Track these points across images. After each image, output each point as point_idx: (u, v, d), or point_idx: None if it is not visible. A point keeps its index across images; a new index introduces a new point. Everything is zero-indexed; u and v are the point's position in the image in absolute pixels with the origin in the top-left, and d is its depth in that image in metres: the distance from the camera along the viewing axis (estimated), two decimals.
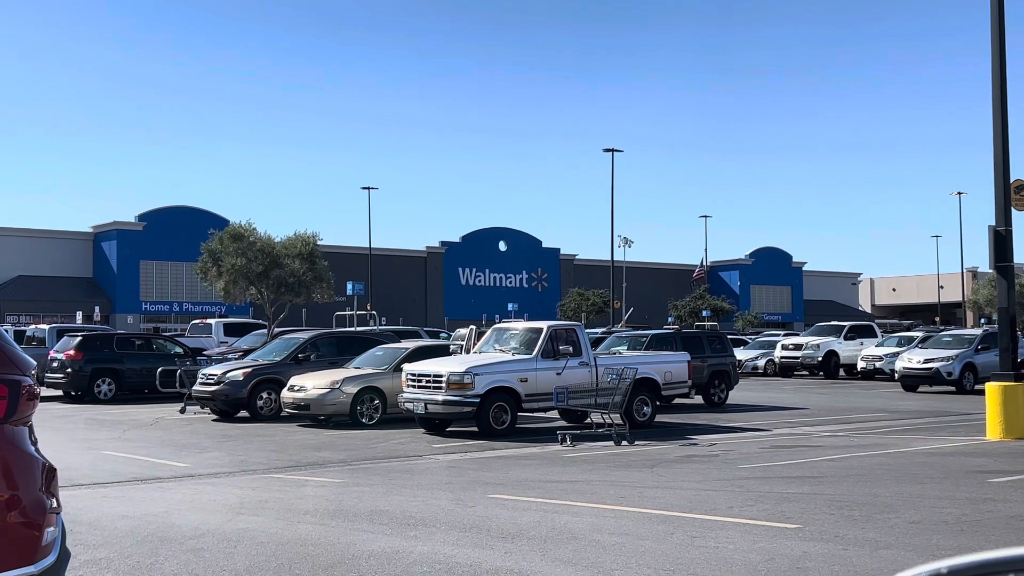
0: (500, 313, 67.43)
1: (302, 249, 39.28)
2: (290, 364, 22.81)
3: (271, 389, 22.31)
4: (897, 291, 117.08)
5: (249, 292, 40.02)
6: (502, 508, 10.46)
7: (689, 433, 19.17)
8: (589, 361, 19.40)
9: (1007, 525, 9.21)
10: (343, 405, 20.31)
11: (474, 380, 18.08)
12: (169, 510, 10.55)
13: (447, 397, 18.11)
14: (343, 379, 20.52)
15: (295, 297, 39.84)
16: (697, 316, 74.78)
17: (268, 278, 38.59)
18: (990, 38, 17.76)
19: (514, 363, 18.80)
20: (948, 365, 31.32)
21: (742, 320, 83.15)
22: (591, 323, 66.79)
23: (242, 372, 22.43)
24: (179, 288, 74.43)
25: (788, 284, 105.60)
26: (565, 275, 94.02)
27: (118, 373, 27.96)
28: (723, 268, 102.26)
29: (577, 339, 19.46)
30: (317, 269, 39.82)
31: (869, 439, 17.82)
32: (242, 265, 37.83)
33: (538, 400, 18.79)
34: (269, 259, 38.54)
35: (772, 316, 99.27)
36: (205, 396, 22.50)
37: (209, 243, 39.59)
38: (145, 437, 18.89)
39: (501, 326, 21.64)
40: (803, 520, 9.46)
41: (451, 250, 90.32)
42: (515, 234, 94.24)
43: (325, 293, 40.65)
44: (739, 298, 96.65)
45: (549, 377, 18.70)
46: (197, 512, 10.39)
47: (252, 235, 39.05)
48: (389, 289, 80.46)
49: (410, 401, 18.70)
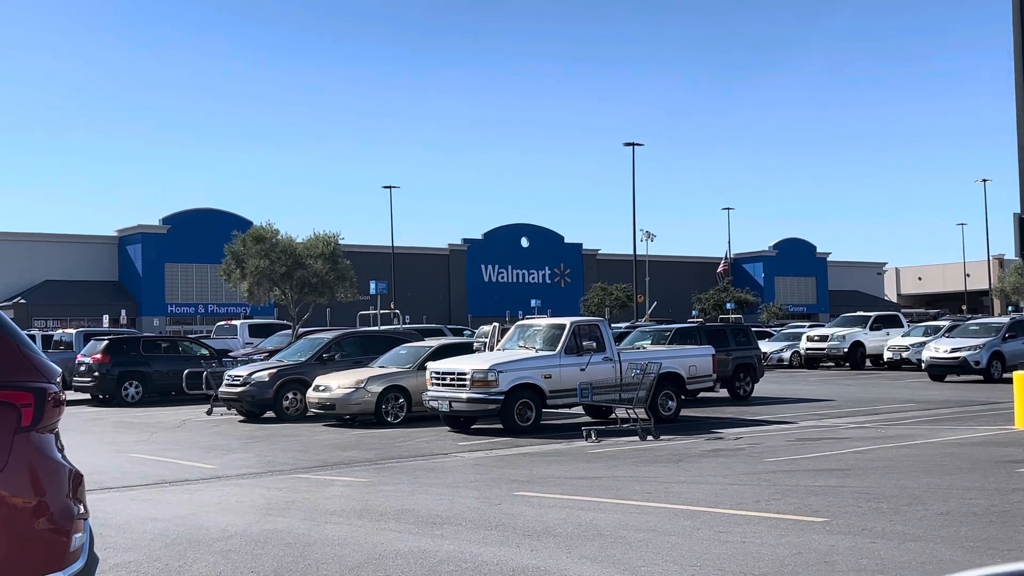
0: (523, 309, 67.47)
1: (324, 249, 39.45)
2: (315, 364, 22.89)
3: (296, 389, 22.39)
4: (923, 280, 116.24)
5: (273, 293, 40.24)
6: (528, 506, 10.46)
7: (714, 427, 19.12)
8: (613, 356, 19.37)
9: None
10: (368, 404, 20.36)
11: (498, 377, 18.09)
12: (197, 512, 10.61)
13: (471, 395, 18.13)
14: (368, 378, 20.58)
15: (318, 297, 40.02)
16: (721, 309, 74.54)
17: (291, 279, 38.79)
18: (1012, 25, 17.58)
19: (538, 360, 18.80)
20: (976, 354, 31.06)
21: (767, 312, 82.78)
22: (614, 318, 66.68)
23: (267, 373, 22.53)
24: (204, 290, 74.89)
25: (813, 275, 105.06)
26: (588, 270, 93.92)
27: (145, 376, 28.14)
28: (747, 260, 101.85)
29: (600, 334, 19.44)
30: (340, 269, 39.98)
31: (896, 430, 17.70)
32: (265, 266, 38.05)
33: (562, 396, 18.78)
34: (292, 260, 38.73)
35: (797, 308, 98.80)
36: (231, 397, 22.61)
37: (232, 245, 39.84)
38: (172, 439, 19.02)
39: (524, 323, 21.64)
40: (830, 513, 9.41)
41: (473, 247, 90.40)
42: (537, 230, 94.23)
43: (348, 293, 40.79)
44: (763, 290, 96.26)
45: (573, 373, 18.69)
46: (225, 514, 10.45)
47: (274, 236, 39.26)
48: (412, 287, 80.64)
49: (435, 399, 18.74)
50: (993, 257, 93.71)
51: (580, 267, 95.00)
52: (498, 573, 7.41)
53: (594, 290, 78.59)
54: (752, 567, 7.36)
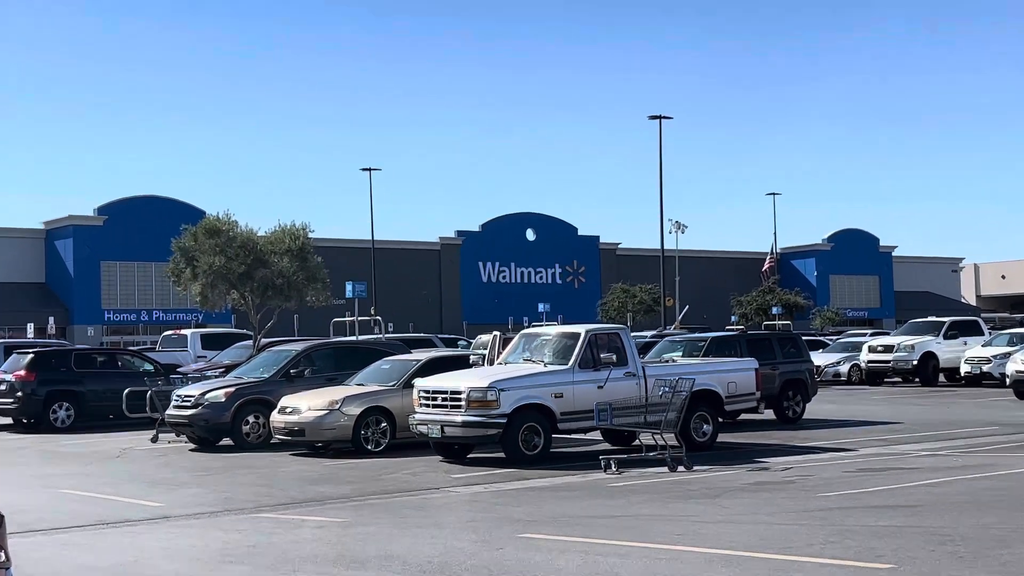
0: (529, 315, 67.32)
1: (291, 244, 39.42)
2: (280, 381, 22.89)
3: (259, 412, 22.39)
4: (1007, 279, 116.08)
5: (230, 297, 40.22)
6: (536, 551, 10.47)
7: (758, 455, 19.13)
8: (637, 371, 19.38)
9: None
10: (344, 429, 20.37)
11: (499, 397, 18.09)
12: (141, 559, 10.63)
13: (467, 418, 18.14)
14: (344, 398, 20.59)
15: (284, 301, 39.99)
16: (766, 314, 74.50)
17: (252, 279, 38.75)
18: None
19: (547, 376, 18.80)
20: None
21: (820, 317, 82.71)
22: (638, 325, 66.66)
23: (224, 392, 22.54)
24: (147, 293, 74.89)
25: (875, 273, 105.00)
26: (606, 268, 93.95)
27: (77, 396, 28.12)
28: (796, 255, 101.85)
29: (622, 345, 19.45)
30: (310, 267, 39.95)
31: (976, 459, 17.69)
32: (221, 265, 38.00)
33: (576, 419, 18.78)
34: (252, 257, 38.69)
35: (856, 312, 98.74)
36: (181, 422, 22.62)
37: (182, 239, 39.81)
38: (111, 472, 19.01)
39: (530, 331, 21.63)
40: (897, 559, 9.41)
41: (469, 241, 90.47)
42: (545, 220, 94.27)
43: (320, 296, 40.74)
44: (816, 291, 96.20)
45: (589, 391, 18.69)
46: (174, 561, 10.47)
47: (232, 229, 39.20)
48: (396, 290, 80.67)
49: (423, 423, 18.75)
50: None
51: (597, 264, 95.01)
52: None
53: (614, 292, 78.50)
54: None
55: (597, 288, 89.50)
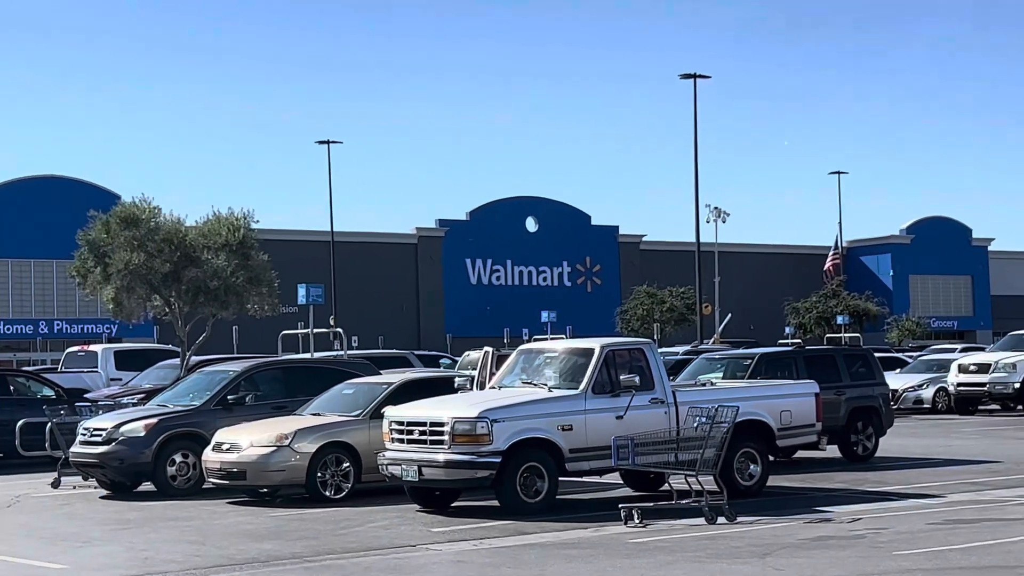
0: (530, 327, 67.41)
1: (229, 237, 39.34)
2: (215, 411, 22.85)
3: (188, 449, 22.33)
4: None
5: (152, 304, 40.15)
6: None
7: (819, 503, 19.11)
8: (666, 397, 19.37)
9: None
10: (296, 471, 20.33)
11: (492, 430, 18.06)
12: None
13: (452, 456, 18.10)
14: (295, 432, 20.54)
15: (221, 309, 39.93)
16: (829, 324, 74.57)
17: (179, 282, 38.69)
18: None
19: (552, 403, 18.78)
20: None
21: (898, 329, 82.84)
22: (668, 339, 66.76)
23: (144, 424, 22.48)
24: (46, 299, 74.87)
25: (967, 273, 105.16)
26: (627, 266, 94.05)
27: None
28: (867, 250, 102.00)
29: (647, 364, 19.44)
30: (252, 267, 39.88)
31: None
32: (140, 263, 37.93)
33: (589, 458, 18.75)
34: (180, 253, 38.63)
35: (944, 322, 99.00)
36: (89, 461, 22.55)
37: (90, 231, 39.74)
38: (1, 525, 18.95)
39: (532, 347, 21.61)
40: None
41: (454, 232, 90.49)
42: (551, 207, 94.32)
43: (265, 303, 40.70)
44: (892, 295, 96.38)
45: (605, 423, 18.67)
46: None
47: (154, 218, 39.14)
48: (363, 294, 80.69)
49: (396, 463, 18.71)
50: None
51: (616, 262, 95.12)
52: None
53: (637, 296, 78.62)
54: None
55: (616, 292, 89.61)
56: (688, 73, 64.92)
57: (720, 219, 78.45)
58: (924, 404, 42.83)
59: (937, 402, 42.85)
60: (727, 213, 78.56)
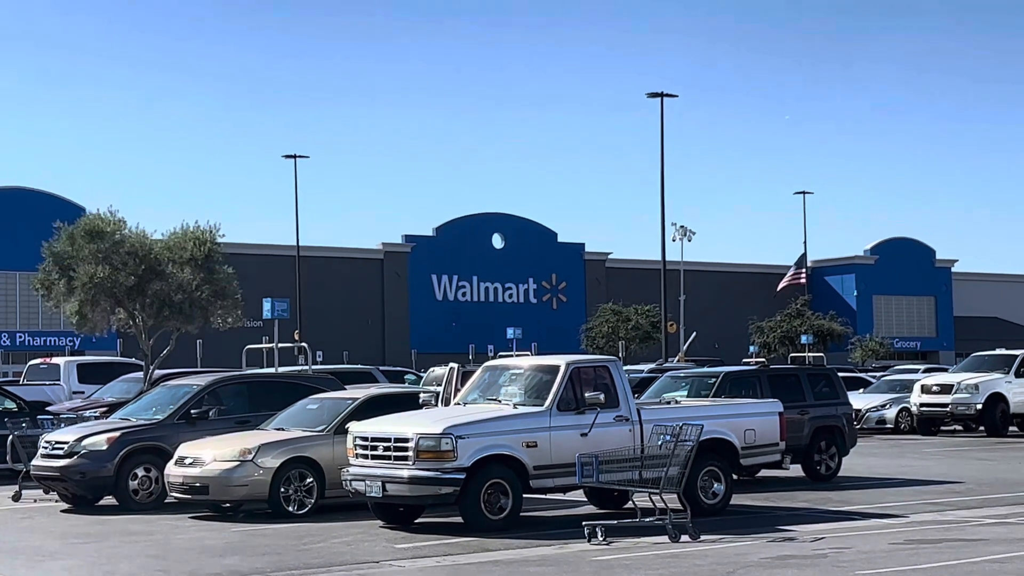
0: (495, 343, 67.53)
1: (194, 251, 39.27)
2: (179, 425, 22.79)
3: (150, 463, 22.26)
4: None
5: (115, 316, 40.01)
6: None
7: (782, 522, 19.16)
8: (630, 415, 19.39)
9: None
10: (259, 485, 20.28)
11: (456, 446, 18.04)
12: None
13: (416, 472, 18.08)
14: (259, 447, 20.51)
15: (185, 323, 39.82)
16: (793, 344, 74.84)
17: (144, 295, 38.58)
18: None
19: (517, 420, 18.77)
20: None
21: (861, 349, 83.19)
22: (633, 356, 66.85)
23: (106, 438, 22.39)
24: (9, 311, 74.52)
25: (930, 294, 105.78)
26: (593, 284, 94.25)
27: None
28: (831, 270, 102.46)
29: (611, 382, 19.47)
30: (217, 280, 39.79)
31: None
32: (104, 276, 37.79)
33: (554, 475, 18.76)
34: (145, 267, 38.52)
35: (907, 342, 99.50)
36: (51, 475, 22.45)
37: (54, 243, 39.60)
38: None
39: (497, 364, 21.59)
40: None
41: (420, 248, 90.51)
42: (517, 224, 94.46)
43: (230, 316, 40.62)
44: (856, 315, 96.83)
45: (570, 440, 18.67)
46: None
47: (119, 231, 39.03)
48: (328, 309, 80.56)
49: (360, 479, 18.68)
50: None
51: (582, 279, 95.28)
52: None
53: (602, 314, 78.72)
54: None
55: (582, 309, 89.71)
56: (655, 92, 65.05)
57: (686, 238, 78.55)
58: (887, 424, 42.96)
59: (900, 422, 42.99)
60: (693, 232, 78.67)
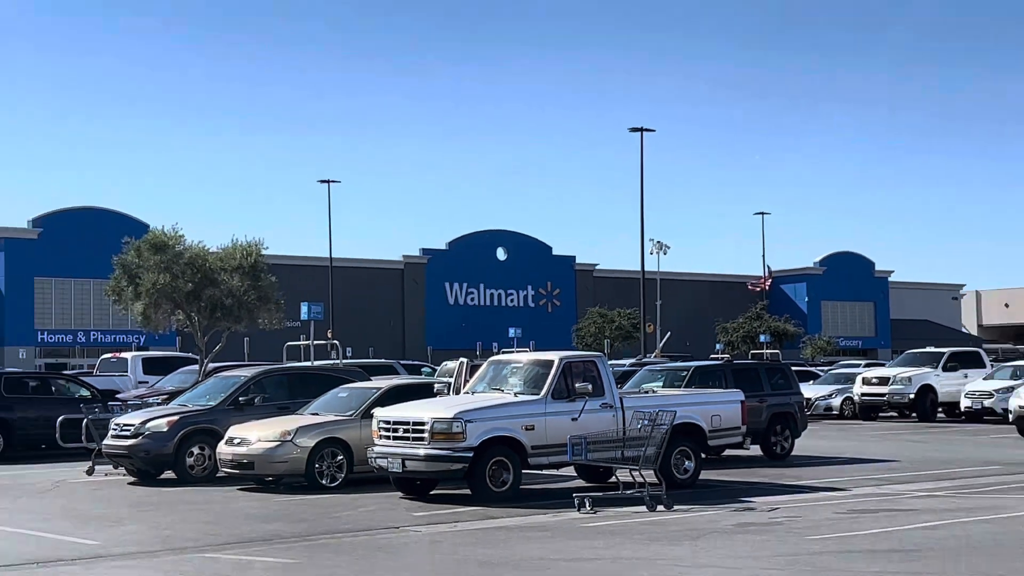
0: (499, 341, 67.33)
1: (243, 262, 39.28)
2: (228, 410, 22.76)
3: (204, 443, 22.25)
4: (1011, 308, 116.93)
5: (175, 317, 40.01)
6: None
7: (743, 494, 19.16)
8: (614, 403, 19.38)
9: None
10: (297, 462, 20.28)
11: (465, 429, 18.06)
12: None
13: (431, 451, 18.09)
14: (297, 429, 20.50)
15: (234, 323, 39.82)
16: (753, 342, 74.75)
17: (199, 299, 38.59)
18: None
19: (517, 406, 18.78)
20: None
21: (811, 347, 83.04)
22: (616, 352, 66.74)
23: (167, 421, 22.39)
24: (85, 313, 74.38)
25: (870, 300, 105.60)
26: (582, 291, 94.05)
27: (7, 424, 27.87)
28: (786, 279, 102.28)
29: (598, 374, 19.46)
30: (262, 287, 39.81)
31: (976, 500, 17.78)
32: (166, 283, 37.82)
33: (548, 454, 18.75)
34: (200, 275, 38.53)
35: (850, 341, 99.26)
36: (119, 452, 22.45)
37: (123, 255, 39.61)
38: (42, 506, 18.84)
39: (500, 358, 21.61)
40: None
41: (435, 260, 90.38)
42: (518, 238, 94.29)
43: (273, 318, 40.61)
44: (807, 318, 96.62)
45: (562, 424, 18.67)
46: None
47: (178, 244, 39.05)
48: (356, 312, 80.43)
49: (383, 457, 18.68)
50: None
51: (572, 286, 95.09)
52: None
53: (590, 316, 78.58)
54: None
55: (572, 312, 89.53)
56: (636, 127, 65.13)
57: (662, 251, 78.60)
58: (833, 411, 42.96)
59: (844, 409, 42.99)
60: (668, 246, 78.79)
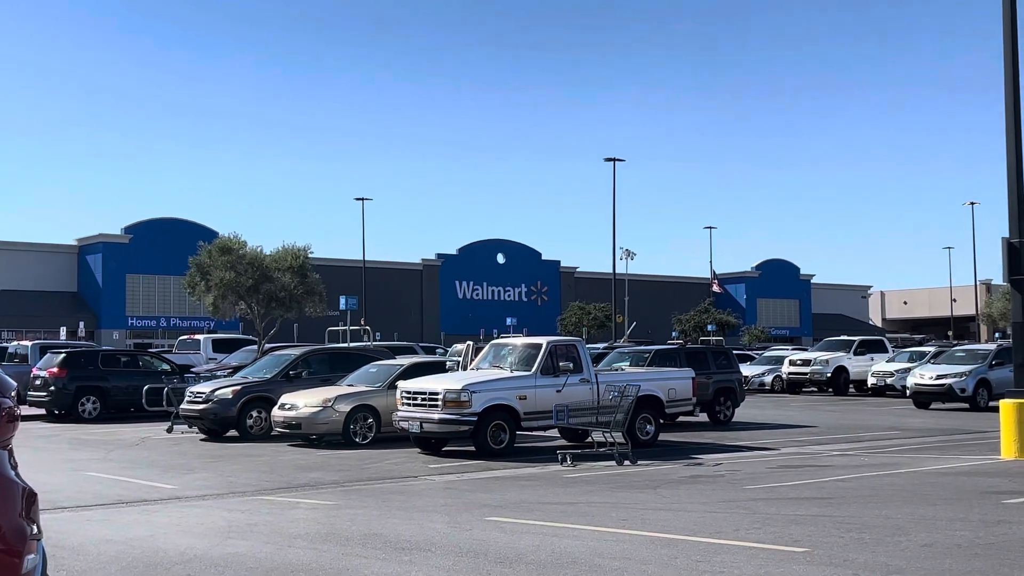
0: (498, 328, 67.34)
1: (293, 262, 39.37)
2: (281, 381, 22.78)
3: (261, 407, 22.27)
4: (909, 304, 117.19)
5: (239, 307, 40.07)
6: (500, 531, 10.44)
7: (693, 452, 19.15)
8: (590, 378, 19.39)
9: (1023, 548, 9.20)
10: (336, 424, 20.28)
11: (471, 398, 18.07)
12: (155, 534, 10.53)
13: (443, 416, 18.10)
14: (336, 397, 20.51)
15: (286, 312, 39.89)
16: (702, 331, 74.77)
17: (258, 292, 38.66)
18: (1002, 44, 17.83)
19: (513, 380, 18.79)
20: (961, 381, 31.28)
21: (748, 335, 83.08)
22: (592, 338, 66.72)
23: (231, 390, 22.41)
24: (166, 303, 74.41)
25: (796, 297, 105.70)
26: (565, 288, 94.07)
27: (103, 391, 27.90)
28: (729, 281, 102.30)
29: (578, 355, 19.46)
30: (308, 283, 39.91)
31: (880, 458, 17.80)
32: (231, 279, 37.89)
33: (537, 418, 18.77)
34: (259, 273, 38.61)
35: (780, 331, 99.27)
36: (193, 415, 22.47)
37: (197, 256, 39.66)
38: (130, 457, 18.85)
39: (499, 342, 21.64)
40: (811, 543, 9.44)
41: (447, 263, 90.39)
42: (514, 246, 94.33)
43: (317, 308, 40.70)
44: (745, 312, 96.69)
45: (549, 394, 18.69)
46: (184, 536, 10.37)
47: (241, 248, 39.14)
48: (383, 303, 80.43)
49: (405, 420, 18.70)
50: (980, 282, 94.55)
51: (558, 285, 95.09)
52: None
53: (572, 309, 78.58)
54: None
55: (557, 305, 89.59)
56: (610, 157, 65.35)
57: (630, 257, 78.42)
58: (766, 386, 43.06)
59: (774, 385, 43.09)
60: (635, 253, 78.76)
